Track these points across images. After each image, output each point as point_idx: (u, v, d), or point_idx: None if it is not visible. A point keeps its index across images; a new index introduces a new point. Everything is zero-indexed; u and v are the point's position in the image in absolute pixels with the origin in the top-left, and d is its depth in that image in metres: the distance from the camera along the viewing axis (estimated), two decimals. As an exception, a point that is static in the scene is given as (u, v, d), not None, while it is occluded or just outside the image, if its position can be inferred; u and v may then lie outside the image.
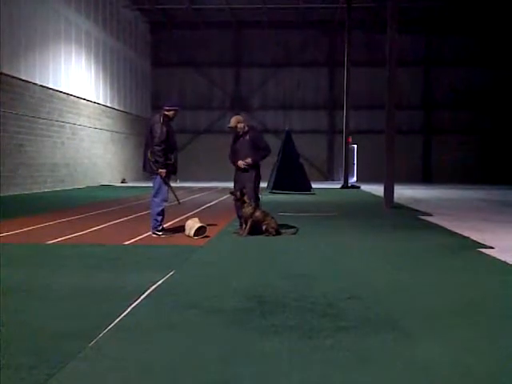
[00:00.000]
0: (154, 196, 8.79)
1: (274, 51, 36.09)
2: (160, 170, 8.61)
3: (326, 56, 36.20)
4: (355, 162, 35.69)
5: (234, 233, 9.15)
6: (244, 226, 9.00)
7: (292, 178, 21.31)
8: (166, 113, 8.82)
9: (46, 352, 3.40)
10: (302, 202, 17.25)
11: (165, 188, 8.76)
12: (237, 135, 9.45)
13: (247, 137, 9.36)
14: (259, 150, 9.29)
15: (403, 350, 3.53)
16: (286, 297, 4.86)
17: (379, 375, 3.13)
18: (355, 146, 35.02)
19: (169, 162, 8.68)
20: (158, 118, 8.74)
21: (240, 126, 9.37)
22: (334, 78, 35.77)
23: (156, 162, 8.60)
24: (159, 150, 8.55)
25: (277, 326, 3.98)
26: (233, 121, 9.42)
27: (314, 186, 22.38)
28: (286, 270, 6.07)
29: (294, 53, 36.01)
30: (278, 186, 21.43)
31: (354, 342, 3.68)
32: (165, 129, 8.61)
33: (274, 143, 30.30)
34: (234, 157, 9.47)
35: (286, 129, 23.13)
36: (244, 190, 9.08)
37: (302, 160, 22.73)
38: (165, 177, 8.69)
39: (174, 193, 9.03)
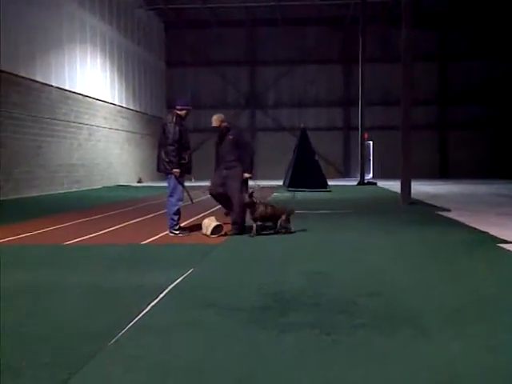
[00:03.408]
0: (170, 196, 8.82)
1: (288, 49, 36.02)
2: (174, 170, 8.62)
3: (340, 52, 36.05)
4: (371, 158, 35.54)
5: (251, 236, 8.77)
6: (254, 225, 8.74)
7: (308, 175, 21.26)
8: (179, 112, 8.82)
9: (66, 351, 3.43)
10: (318, 199, 17.21)
11: (180, 187, 8.78)
12: (221, 135, 9.16)
13: (230, 136, 9.08)
14: (242, 150, 8.99)
15: (422, 347, 3.51)
16: (303, 294, 4.85)
17: (399, 372, 3.12)
18: (371, 142, 34.87)
19: (183, 161, 8.69)
20: (171, 118, 8.74)
21: (223, 124, 9.11)
22: (348, 75, 35.64)
23: (170, 161, 8.61)
24: (173, 149, 8.55)
25: (295, 324, 3.98)
26: (216, 120, 9.13)
27: (330, 183, 22.32)
28: (303, 268, 6.07)
29: (309, 50, 35.92)
30: (294, 183, 21.40)
31: (373, 338, 3.67)
32: (177, 128, 8.61)
33: (290, 141, 30.43)
34: (221, 158, 9.19)
35: (302, 126, 23.07)
36: (253, 194, 8.87)
37: (317, 157, 22.68)
38: (179, 176, 8.71)
39: (187, 192, 9.03)
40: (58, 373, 3.08)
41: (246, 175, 9.03)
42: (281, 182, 24.33)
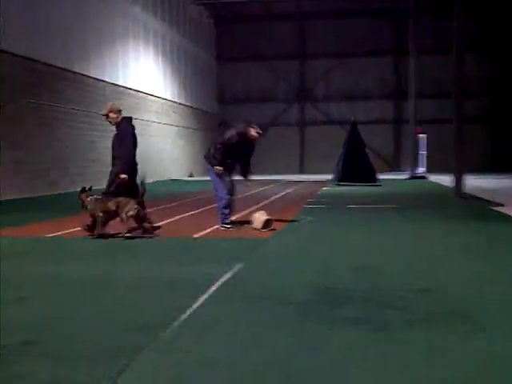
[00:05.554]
0: (216, 190, 8.86)
1: (337, 41, 35.71)
2: (217, 168, 8.63)
3: (390, 44, 35.51)
4: (422, 151, 34.87)
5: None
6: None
7: (358, 169, 21.06)
8: (251, 130, 8.62)
9: (120, 343, 3.51)
10: (368, 193, 17.04)
11: (224, 180, 8.76)
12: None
13: (116, 131, 8.44)
14: (120, 147, 8.24)
15: (478, 344, 3.44)
16: (354, 289, 4.83)
17: (454, 369, 3.06)
18: (423, 135, 34.22)
19: (227, 161, 8.67)
20: (240, 127, 8.64)
21: (112, 115, 8.43)
22: (399, 67, 35.08)
23: (214, 157, 8.66)
24: (220, 147, 8.57)
25: (346, 319, 3.96)
26: (105, 108, 8.58)
27: (380, 177, 22.07)
28: (353, 262, 6.04)
29: (358, 42, 35.48)
30: (343, 177, 21.25)
31: (426, 335, 3.62)
32: (236, 139, 8.54)
33: (340, 134, 30.13)
34: None
35: (352, 119, 22.86)
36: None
37: (368, 151, 22.45)
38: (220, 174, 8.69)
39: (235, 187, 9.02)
40: (113, 362, 3.15)
41: (121, 176, 8.10)
42: (330, 176, 24.19)
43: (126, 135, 8.31)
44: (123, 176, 8.09)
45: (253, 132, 8.60)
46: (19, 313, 4.23)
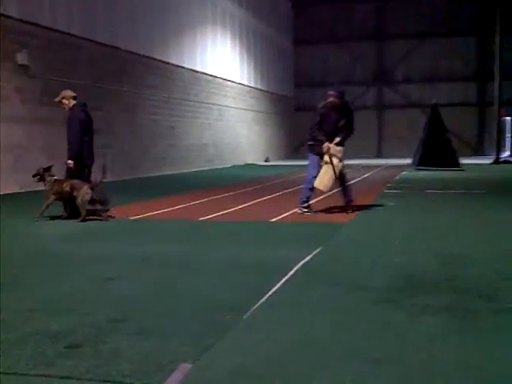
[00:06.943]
0: (309, 172, 8.85)
1: (418, 21, 34.59)
2: (322, 147, 8.47)
3: (474, 24, 34.10)
4: (508, 135, 33.48)
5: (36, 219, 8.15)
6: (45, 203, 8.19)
7: (439, 153, 20.46)
8: (328, 97, 8.55)
9: (206, 322, 3.60)
10: (450, 178, 16.56)
11: (312, 165, 8.73)
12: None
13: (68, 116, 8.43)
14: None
15: None
16: (436, 276, 4.72)
17: (542, 361, 2.96)
18: (508, 118, 32.83)
19: (319, 137, 8.53)
20: (324, 102, 8.61)
21: (64, 101, 8.38)
22: (483, 47, 33.64)
23: (314, 139, 8.61)
24: (310, 128, 8.61)
25: (428, 306, 3.88)
26: (60, 95, 8.50)
27: (462, 161, 21.37)
28: (436, 249, 5.89)
29: (440, 22, 34.28)
30: (424, 162, 20.71)
31: (513, 324, 3.50)
32: (319, 112, 8.52)
33: (420, 117, 29.36)
34: None
35: (433, 102, 22.20)
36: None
37: (449, 135, 21.77)
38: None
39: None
40: (199, 342, 3.23)
41: (68, 162, 8.33)
42: (410, 161, 23.67)
43: (72, 120, 8.36)
44: (69, 162, 8.31)
45: (330, 98, 8.51)
46: (108, 291, 4.42)
